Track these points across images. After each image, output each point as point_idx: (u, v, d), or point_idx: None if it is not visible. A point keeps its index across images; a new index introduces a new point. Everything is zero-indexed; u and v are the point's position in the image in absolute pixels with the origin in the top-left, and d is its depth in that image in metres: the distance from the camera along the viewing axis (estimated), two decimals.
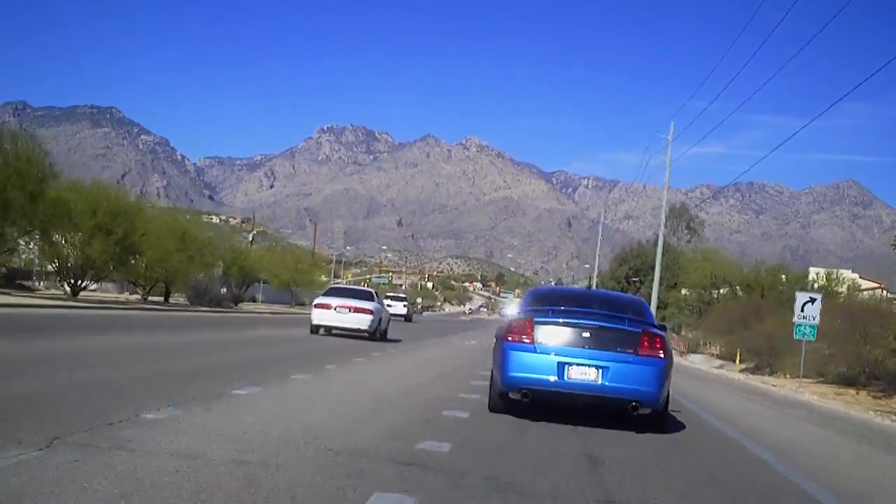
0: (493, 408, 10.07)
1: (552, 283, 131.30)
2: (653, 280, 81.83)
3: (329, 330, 24.90)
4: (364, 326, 24.01)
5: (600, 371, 9.26)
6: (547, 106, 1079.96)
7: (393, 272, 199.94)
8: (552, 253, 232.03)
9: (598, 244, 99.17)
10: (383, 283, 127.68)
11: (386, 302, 63.36)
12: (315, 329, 24.62)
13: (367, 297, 25.37)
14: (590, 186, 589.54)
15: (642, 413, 9.56)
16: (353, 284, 65.13)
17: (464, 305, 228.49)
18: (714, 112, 45.20)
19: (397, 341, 26.53)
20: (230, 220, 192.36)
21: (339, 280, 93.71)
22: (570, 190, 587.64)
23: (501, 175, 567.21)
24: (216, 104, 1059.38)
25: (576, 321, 9.51)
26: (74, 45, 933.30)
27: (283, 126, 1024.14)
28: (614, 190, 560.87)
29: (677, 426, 10.66)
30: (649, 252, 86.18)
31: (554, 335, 9.45)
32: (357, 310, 23.95)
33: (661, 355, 9.48)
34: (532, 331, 9.49)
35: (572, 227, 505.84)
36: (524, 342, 9.47)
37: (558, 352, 9.33)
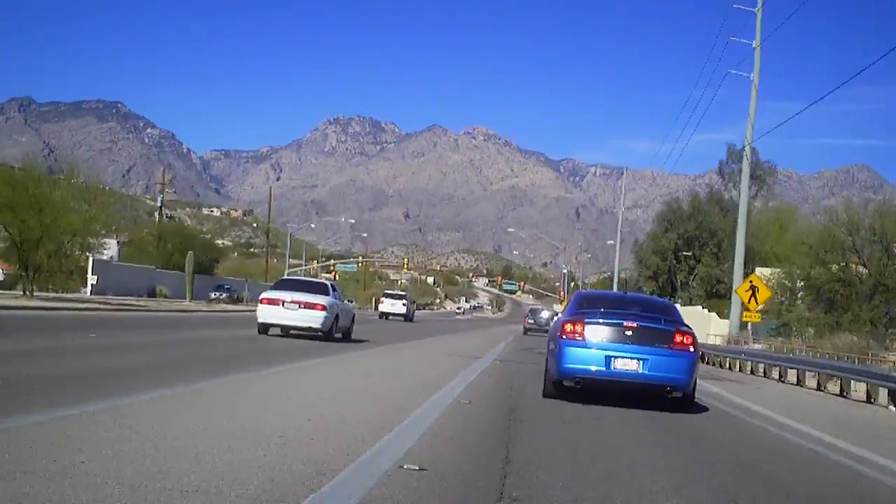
0: (547, 394, 12.26)
1: (567, 276, 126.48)
2: (714, 254, 63.64)
3: (286, 330, 22.31)
4: (316, 324, 21.22)
5: (641, 362, 11.28)
6: (554, 93, 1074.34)
7: (394, 267, 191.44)
8: (560, 245, 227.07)
9: (619, 242, 78.37)
10: (349, 271, 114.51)
11: (385, 300, 60.27)
12: (263, 328, 22.10)
13: (320, 290, 22.66)
14: (598, 174, 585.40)
15: (674, 396, 11.71)
16: (309, 276, 60.26)
17: (459, 302, 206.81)
18: (722, 98, 42.40)
19: (361, 342, 23.95)
20: (231, 212, 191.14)
21: (295, 271, 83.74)
22: (577, 178, 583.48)
23: (509, 164, 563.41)
24: (222, 97, 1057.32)
25: (619, 321, 11.56)
26: (79, 40, 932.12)
27: (289, 118, 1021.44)
28: (622, 178, 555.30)
29: (701, 409, 12.95)
30: (706, 211, 66.57)
31: (601, 333, 11.49)
32: (307, 305, 21.27)
33: (692, 349, 11.66)
34: (583, 330, 11.53)
35: (581, 217, 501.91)
36: (576, 339, 11.51)
37: (605, 347, 11.37)
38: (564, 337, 11.66)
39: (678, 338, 11.57)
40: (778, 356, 26.49)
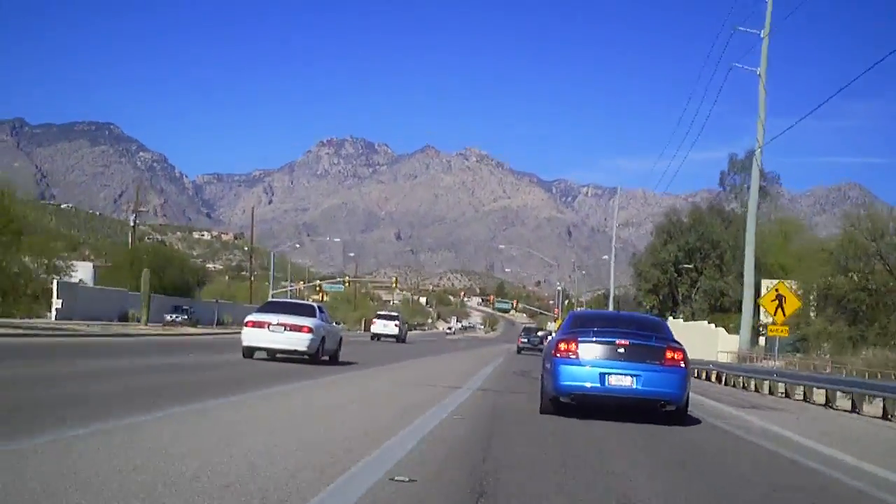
0: (544, 410, 12.45)
1: (561, 294, 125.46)
2: (717, 266, 62.61)
3: (272, 353, 21.60)
4: (302, 347, 20.79)
5: (634, 378, 11.60)
6: (547, 114, 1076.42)
7: (384, 287, 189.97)
8: (553, 264, 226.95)
9: (612, 259, 76.45)
10: (337, 292, 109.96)
11: (377, 321, 59.42)
12: (248, 352, 21.36)
13: (307, 312, 22.10)
14: (589, 194, 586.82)
15: (668, 410, 12.11)
16: (295, 297, 59.34)
17: (450, 322, 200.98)
18: (716, 116, 41.83)
19: (349, 365, 23.52)
20: (223, 235, 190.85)
21: (281, 292, 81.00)
22: (569, 199, 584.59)
23: (501, 185, 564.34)
24: (214, 119, 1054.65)
25: (612, 339, 11.91)
26: (71, 61, 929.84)
27: (281, 140, 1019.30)
28: (614, 198, 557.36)
29: (694, 421, 13.27)
30: (707, 223, 65.13)
31: (594, 351, 11.81)
32: (293, 327, 20.64)
33: (683, 365, 11.95)
34: (577, 348, 11.85)
35: (573, 237, 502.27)
36: (571, 357, 11.82)
37: (599, 364, 11.68)
38: (559, 355, 12.04)
39: (669, 354, 11.97)
40: (828, 377, 22.54)
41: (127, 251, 66.61)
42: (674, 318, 57.37)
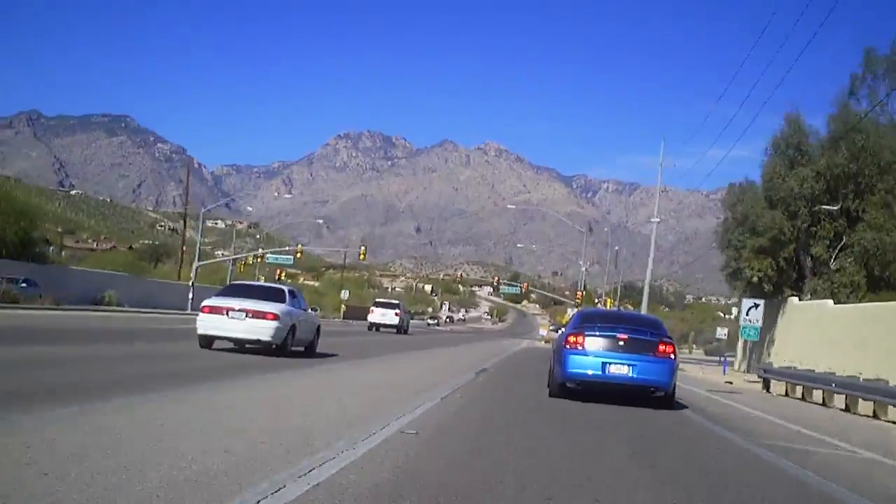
0: (553, 394, 14.65)
1: (584, 276, 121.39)
2: (885, 204, 36.54)
3: (241, 344, 18.97)
4: (265, 337, 18.07)
5: (630, 367, 13.77)
6: (566, 110, 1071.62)
7: (390, 275, 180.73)
8: (572, 258, 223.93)
9: (652, 253, 67.98)
10: (284, 264, 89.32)
11: (376, 310, 53.36)
12: (205, 342, 18.56)
13: (274, 296, 19.33)
14: (610, 190, 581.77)
15: (657, 395, 14.42)
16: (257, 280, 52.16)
17: (443, 310, 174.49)
18: (737, 116, 38.30)
19: (329, 357, 20.74)
20: (237, 224, 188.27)
21: (209, 263, 72.04)
22: (590, 194, 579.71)
23: (521, 180, 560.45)
24: (233, 112, 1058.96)
25: (613, 333, 14.06)
26: (86, 53, 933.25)
27: (300, 133, 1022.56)
28: (634, 194, 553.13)
29: (681, 406, 15.34)
30: (867, 131, 37.60)
31: (598, 343, 13.99)
32: (256, 314, 17.95)
33: (672, 356, 14.10)
34: (583, 341, 14.02)
35: (593, 232, 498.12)
36: (578, 348, 13.99)
37: (601, 355, 13.87)
38: (568, 347, 14.14)
39: (661, 347, 14.01)
40: None
41: None
42: (799, 298, 40.06)
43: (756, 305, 32.22)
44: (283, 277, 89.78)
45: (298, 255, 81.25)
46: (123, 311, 43.77)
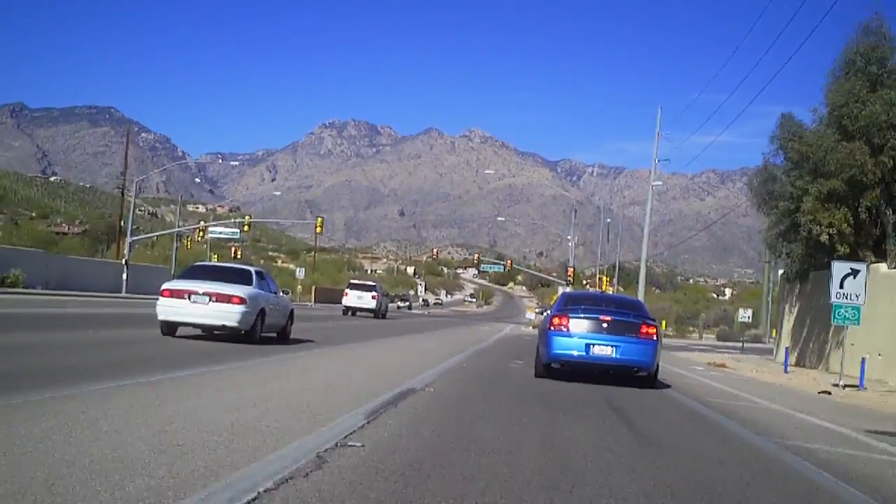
0: (538, 374, 14.98)
1: (573, 251, 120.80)
2: None
3: (209, 330, 17.87)
4: (231, 322, 16.96)
5: (614, 348, 14.04)
6: (551, 97, 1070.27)
7: (365, 257, 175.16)
8: (556, 240, 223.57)
9: (646, 233, 56.39)
10: (233, 239, 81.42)
11: (350, 292, 50.50)
12: (167, 328, 17.43)
13: (240, 278, 18.29)
14: (594, 174, 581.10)
15: (640, 375, 14.64)
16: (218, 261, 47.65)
17: (417, 291, 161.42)
18: (720, 102, 37.93)
19: (304, 343, 19.89)
20: (218, 208, 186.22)
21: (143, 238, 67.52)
22: (574, 178, 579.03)
23: (506, 164, 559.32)
24: (216, 102, 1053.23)
25: (597, 315, 14.42)
26: (70, 45, 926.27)
27: (284, 121, 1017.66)
28: (619, 177, 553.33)
29: (664, 385, 15.58)
30: None
31: (582, 325, 14.25)
32: (220, 297, 16.89)
33: (654, 338, 14.31)
34: (568, 322, 14.30)
35: (577, 214, 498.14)
36: (562, 330, 14.26)
37: (585, 336, 14.13)
38: (552, 328, 14.37)
39: (644, 328, 14.27)
40: None
41: None
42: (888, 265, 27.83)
43: (854, 272, 21.56)
44: (240, 256, 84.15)
45: (246, 227, 72.84)
46: (31, 293, 36.93)
